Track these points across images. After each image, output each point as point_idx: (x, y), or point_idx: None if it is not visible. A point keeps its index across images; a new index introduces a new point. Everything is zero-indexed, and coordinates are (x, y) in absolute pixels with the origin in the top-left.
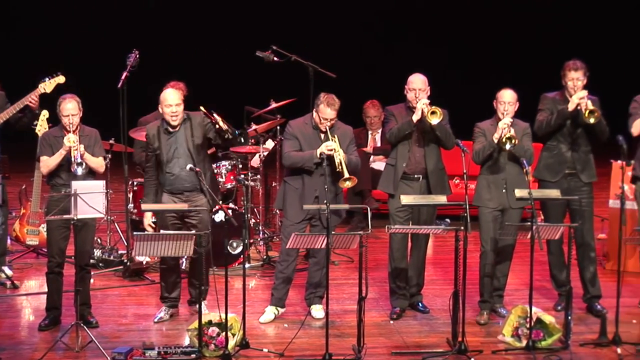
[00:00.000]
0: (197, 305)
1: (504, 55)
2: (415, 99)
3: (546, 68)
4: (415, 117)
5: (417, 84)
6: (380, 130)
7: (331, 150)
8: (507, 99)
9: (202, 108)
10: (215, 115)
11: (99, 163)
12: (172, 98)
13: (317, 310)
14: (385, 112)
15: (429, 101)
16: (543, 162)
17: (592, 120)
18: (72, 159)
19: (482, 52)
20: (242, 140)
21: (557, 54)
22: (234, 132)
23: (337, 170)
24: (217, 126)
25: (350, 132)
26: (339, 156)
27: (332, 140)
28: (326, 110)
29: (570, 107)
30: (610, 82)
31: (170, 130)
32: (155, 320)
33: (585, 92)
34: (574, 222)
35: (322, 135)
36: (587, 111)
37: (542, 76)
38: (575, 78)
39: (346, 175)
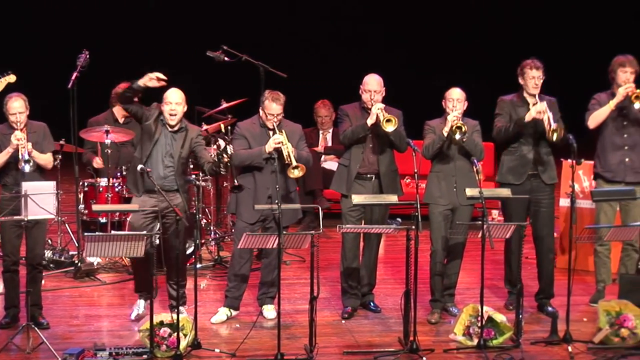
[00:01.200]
0: (176, 308)
1: (455, 55)
2: (371, 100)
3: (497, 68)
4: (370, 122)
5: (373, 85)
6: (331, 130)
7: (279, 143)
8: (455, 97)
9: (220, 141)
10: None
11: (47, 159)
12: (173, 96)
13: (269, 311)
14: (339, 111)
15: (383, 105)
16: (506, 165)
17: (554, 138)
18: (20, 157)
19: (435, 51)
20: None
21: (509, 53)
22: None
23: (287, 162)
24: (224, 159)
25: (300, 130)
26: (287, 148)
27: (279, 134)
28: (271, 105)
29: (527, 118)
30: (564, 80)
31: (169, 129)
32: (133, 317)
33: (544, 106)
34: (534, 223)
35: (271, 133)
36: (551, 130)
37: (494, 76)
38: (537, 77)
39: (294, 163)
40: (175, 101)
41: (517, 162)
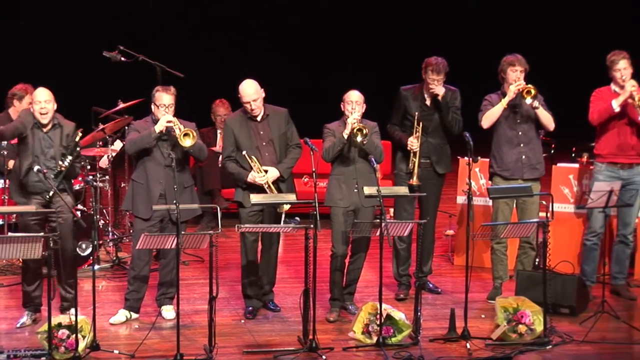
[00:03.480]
0: (70, 310)
1: (352, 57)
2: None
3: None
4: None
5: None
6: None
7: (170, 122)
8: (354, 99)
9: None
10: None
11: None
12: (41, 95)
13: (168, 311)
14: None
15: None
16: (399, 153)
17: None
18: None
19: (333, 52)
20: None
21: (408, 55)
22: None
23: (178, 138)
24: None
25: (193, 126)
26: (178, 127)
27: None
28: (162, 95)
29: (408, 146)
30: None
31: (43, 130)
32: (18, 325)
33: (442, 90)
34: (421, 206)
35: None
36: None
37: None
38: (436, 80)
39: (184, 129)
40: (44, 99)
41: (406, 152)
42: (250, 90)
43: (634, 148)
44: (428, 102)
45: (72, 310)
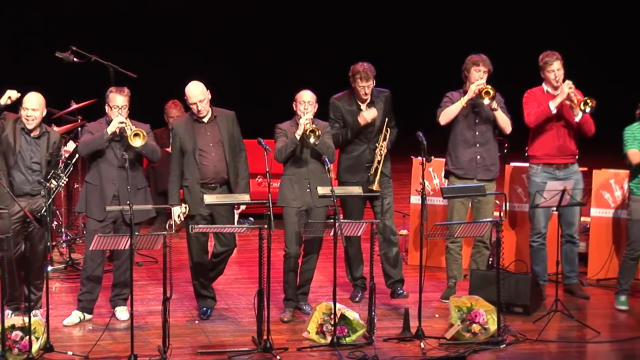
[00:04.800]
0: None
1: (307, 57)
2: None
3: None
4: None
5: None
6: None
7: (122, 123)
8: (306, 99)
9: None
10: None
11: None
12: (30, 102)
13: (122, 312)
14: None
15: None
16: (343, 164)
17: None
18: None
19: (286, 53)
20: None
21: (350, 56)
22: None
23: (128, 138)
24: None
25: (147, 128)
26: (130, 128)
27: (121, 116)
28: (115, 97)
29: (362, 121)
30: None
31: (30, 135)
32: None
33: (374, 114)
34: (376, 212)
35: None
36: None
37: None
38: (366, 86)
39: (134, 129)
40: (31, 107)
41: (353, 161)
42: (196, 91)
43: (571, 149)
44: (363, 108)
45: (37, 312)
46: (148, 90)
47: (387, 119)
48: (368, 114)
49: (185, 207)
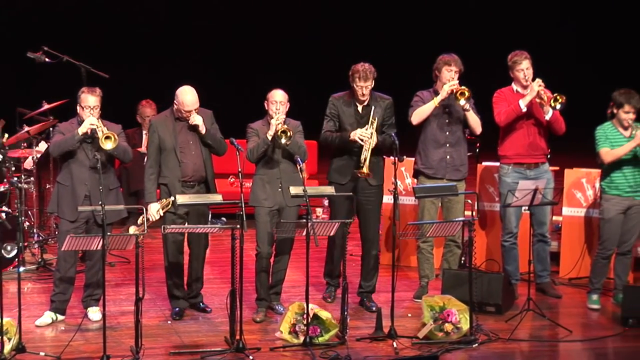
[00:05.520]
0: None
1: (275, 57)
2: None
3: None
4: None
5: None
6: None
7: (93, 125)
8: (278, 99)
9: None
10: None
11: None
12: None
13: (94, 313)
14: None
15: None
16: (334, 165)
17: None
18: None
19: (255, 51)
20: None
21: (334, 55)
22: None
23: (99, 140)
24: None
25: (118, 128)
26: (101, 130)
27: (94, 117)
28: (87, 97)
29: (352, 136)
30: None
31: None
32: None
33: (370, 132)
34: (361, 221)
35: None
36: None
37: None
38: (364, 87)
39: (106, 132)
40: None
41: (344, 162)
42: (191, 100)
43: (541, 148)
44: (360, 110)
45: None
46: (120, 90)
47: (383, 127)
48: (356, 132)
49: (162, 202)
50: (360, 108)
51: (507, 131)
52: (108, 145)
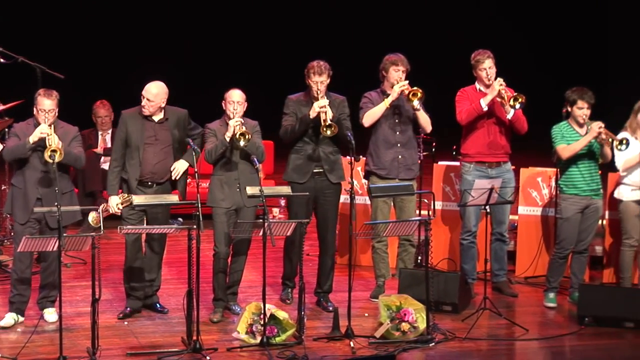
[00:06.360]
0: None
1: (232, 58)
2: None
3: (278, 68)
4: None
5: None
6: (110, 131)
7: (44, 133)
8: (235, 99)
9: None
10: None
11: None
12: None
13: (50, 314)
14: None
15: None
16: (291, 164)
17: (328, 133)
18: None
19: (211, 54)
20: None
21: (290, 55)
22: None
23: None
24: None
25: (74, 131)
26: (52, 139)
27: (46, 126)
28: (43, 100)
29: (312, 114)
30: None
31: None
32: None
33: (326, 101)
34: (319, 221)
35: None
36: (325, 125)
37: (269, 77)
38: (320, 82)
39: (53, 146)
40: None
41: (302, 160)
42: (154, 91)
43: (503, 147)
44: (312, 116)
45: None
46: (76, 91)
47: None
48: (317, 103)
49: (123, 197)
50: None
51: (469, 130)
52: (53, 159)
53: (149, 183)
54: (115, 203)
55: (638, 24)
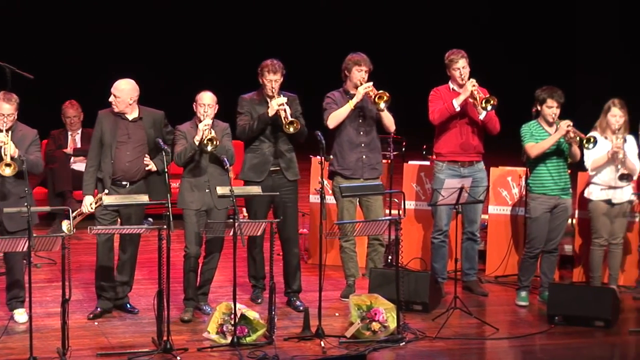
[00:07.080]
0: None
1: (202, 60)
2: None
3: (243, 69)
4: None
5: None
6: (80, 131)
7: (1, 142)
8: (206, 101)
9: None
10: None
11: None
12: None
13: (20, 314)
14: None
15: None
16: (248, 163)
17: (291, 130)
18: None
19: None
20: None
21: (251, 55)
22: None
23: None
24: None
25: (33, 135)
26: (8, 148)
27: (3, 134)
28: (2, 105)
29: (270, 113)
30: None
31: None
32: None
33: (284, 99)
34: (277, 217)
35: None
36: (287, 122)
37: (240, 78)
38: (274, 80)
39: (8, 160)
40: None
41: (259, 159)
42: (125, 87)
43: (475, 147)
44: (270, 114)
45: None
46: (46, 91)
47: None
48: (276, 101)
49: (100, 196)
50: (270, 101)
51: (442, 129)
52: (6, 171)
53: (123, 182)
54: (89, 202)
55: (605, 20)
